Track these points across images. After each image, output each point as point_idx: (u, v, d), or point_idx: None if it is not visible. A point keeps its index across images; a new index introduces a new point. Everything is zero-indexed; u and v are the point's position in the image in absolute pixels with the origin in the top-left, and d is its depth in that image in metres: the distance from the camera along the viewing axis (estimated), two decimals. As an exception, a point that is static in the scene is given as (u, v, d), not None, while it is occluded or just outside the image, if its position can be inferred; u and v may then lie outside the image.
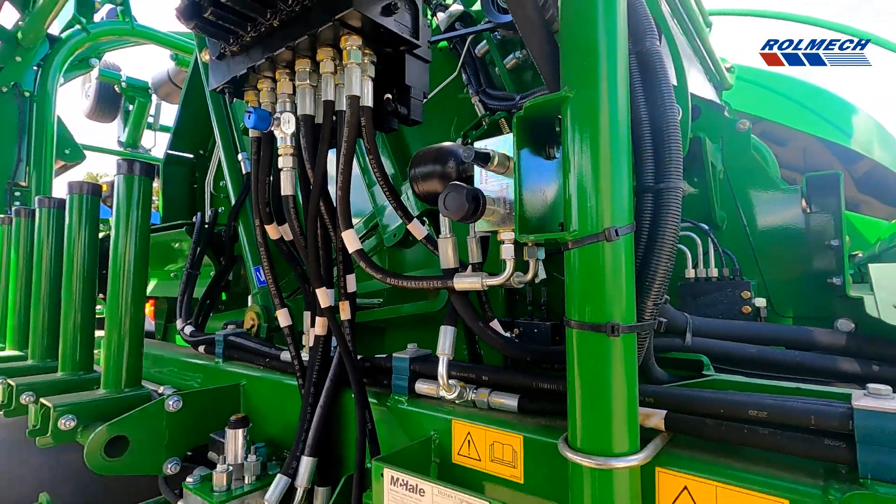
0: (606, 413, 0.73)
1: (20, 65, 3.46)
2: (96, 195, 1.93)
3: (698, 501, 0.74)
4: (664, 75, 0.84)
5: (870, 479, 0.63)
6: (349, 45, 1.06)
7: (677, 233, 0.81)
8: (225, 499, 1.19)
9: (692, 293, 1.27)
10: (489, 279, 0.97)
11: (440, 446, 1.05)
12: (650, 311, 0.79)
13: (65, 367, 1.87)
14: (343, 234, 1.13)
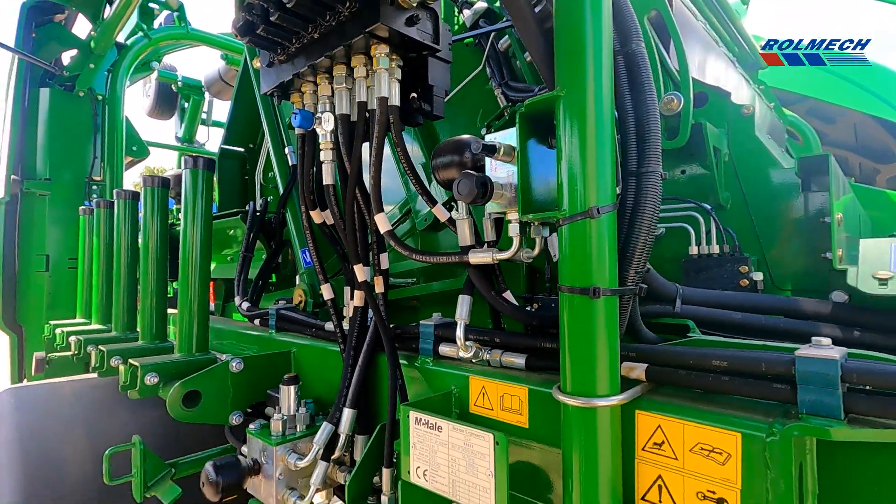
0: (591, 362, 0.88)
1: (93, 71, 3.85)
2: (165, 187, 2.20)
3: (669, 437, 0.87)
4: (647, 74, 0.96)
5: (805, 413, 0.75)
6: (378, 53, 1.23)
7: (656, 210, 0.93)
8: (281, 441, 1.41)
9: (695, 268, 1.37)
10: (499, 254, 1.12)
11: (459, 398, 1.22)
12: (632, 278, 0.93)
13: (144, 336, 2.16)
14: (375, 217, 1.30)
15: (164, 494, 1.52)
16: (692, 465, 0.84)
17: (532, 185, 1.01)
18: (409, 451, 1.09)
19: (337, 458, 1.41)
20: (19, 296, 3.50)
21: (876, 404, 0.71)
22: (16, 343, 3.49)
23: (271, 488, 1.40)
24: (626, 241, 0.93)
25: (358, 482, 1.26)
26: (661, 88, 1.38)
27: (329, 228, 1.56)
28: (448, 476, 1.01)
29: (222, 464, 1.40)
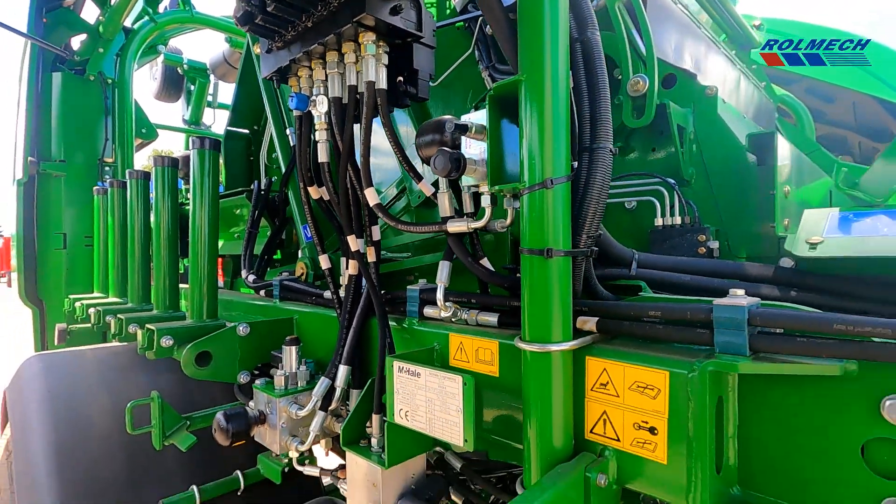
0: (547, 313, 1.01)
1: (102, 55, 3.97)
2: (175, 167, 2.34)
3: (612, 378, 1.01)
4: (600, 60, 1.07)
5: (719, 352, 0.88)
6: (365, 40, 1.34)
7: (606, 182, 1.06)
8: (283, 394, 1.57)
9: (660, 238, 1.49)
10: (474, 223, 1.25)
11: (441, 353, 1.36)
12: (584, 242, 1.05)
13: (158, 307, 2.33)
14: (365, 191, 1.43)
15: (181, 442, 1.69)
16: (630, 400, 0.98)
17: (500, 160, 1.14)
18: (393, 396, 1.24)
19: (334, 409, 1.57)
20: (39, 272, 3.70)
21: (776, 342, 0.84)
22: (38, 316, 3.70)
23: (275, 436, 1.57)
24: (579, 208, 1.05)
25: (351, 427, 1.42)
26: (629, 70, 1.49)
27: (325, 203, 1.69)
28: (426, 415, 1.16)
29: (232, 413, 1.57)
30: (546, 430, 1.02)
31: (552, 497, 0.90)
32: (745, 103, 2.69)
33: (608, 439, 1.02)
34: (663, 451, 0.94)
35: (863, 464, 0.84)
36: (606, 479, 0.98)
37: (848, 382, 0.84)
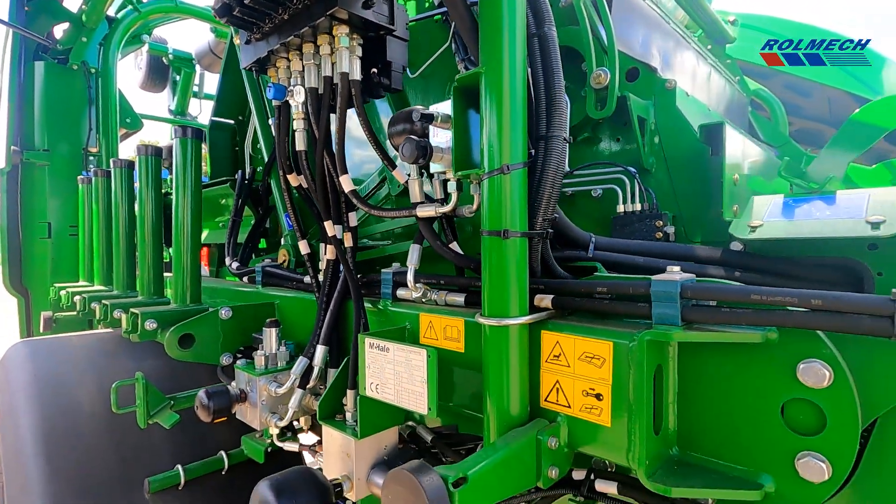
0: (504, 290, 1.09)
1: (85, 44, 3.96)
2: (158, 156, 2.38)
3: (564, 349, 1.09)
4: (556, 54, 1.14)
5: (655, 323, 0.97)
6: (339, 33, 1.40)
7: (560, 168, 1.13)
8: (263, 373, 1.64)
9: (621, 224, 1.58)
10: (441, 208, 1.32)
11: (412, 332, 1.44)
12: (540, 224, 1.13)
13: (143, 293, 2.38)
14: (340, 178, 1.50)
15: (165, 420, 1.76)
16: (579, 370, 1.07)
17: (465, 147, 1.20)
18: (364, 371, 1.31)
19: (312, 387, 1.64)
20: (24, 261, 3.71)
21: (704, 313, 0.93)
22: (23, 305, 3.72)
23: (255, 412, 1.64)
24: (535, 193, 1.13)
25: (327, 403, 1.49)
26: (593, 64, 1.56)
27: (304, 191, 1.75)
28: (394, 387, 1.23)
29: (213, 391, 1.63)
30: (503, 398, 1.11)
31: (503, 456, 0.98)
32: (717, 97, 2.78)
33: (560, 406, 1.11)
34: (607, 416, 1.02)
35: (782, 422, 0.93)
36: (557, 442, 1.07)
37: (769, 349, 0.92)
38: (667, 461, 1.04)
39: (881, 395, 0.86)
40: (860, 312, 0.76)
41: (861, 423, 0.86)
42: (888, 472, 0.93)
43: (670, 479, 0.96)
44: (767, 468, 0.95)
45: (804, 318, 0.83)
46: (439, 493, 0.83)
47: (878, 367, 0.86)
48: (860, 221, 1.09)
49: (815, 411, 0.89)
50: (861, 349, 0.87)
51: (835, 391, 0.86)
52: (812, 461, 0.88)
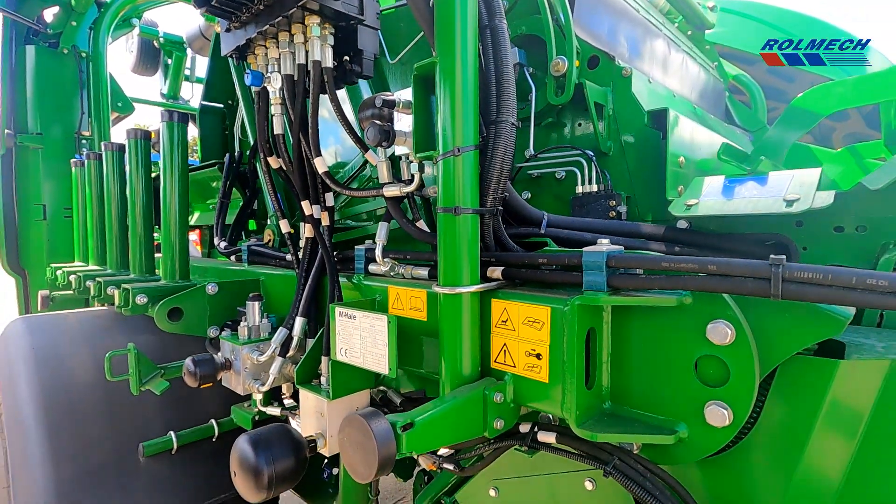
0: (457, 262, 1.20)
1: (75, 28, 4.01)
2: (147, 139, 2.46)
3: (510, 315, 1.21)
4: (506, 45, 1.24)
5: (586, 290, 1.08)
6: (311, 23, 1.49)
7: (509, 150, 1.23)
8: (246, 342, 1.76)
9: (580, 203, 1.68)
10: (406, 187, 1.43)
11: (382, 303, 1.55)
12: (490, 202, 1.24)
13: (134, 271, 2.49)
14: (315, 160, 1.60)
15: (156, 387, 1.88)
16: (523, 333, 1.18)
17: (425, 131, 1.31)
18: (335, 337, 1.43)
19: (292, 356, 1.77)
20: (21, 242, 3.81)
21: (625, 280, 1.05)
22: (21, 284, 3.83)
23: (239, 379, 1.77)
24: (485, 173, 1.23)
25: (304, 369, 1.62)
26: (553, 52, 1.65)
27: (283, 173, 1.85)
28: (360, 351, 1.35)
29: (199, 359, 1.76)
30: (457, 359, 1.23)
31: (451, 407, 1.10)
32: (690, 83, 2.87)
33: (507, 366, 1.23)
34: (546, 373, 1.14)
35: (695, 377, 1.05)
36: (503, 397, 1.19)
37: (685, 312, 1.04)
38: (599, 413, 1.16)
39: (776, 350, 0.98)
40: (745, 276, 0.88)
41: (759, 375, 0.98)
42: (787, 413, 1.05)
43: (597, 427, 1.09)
44: (683, 417, 1.07)
45: (703, 282, 0.94)
46: (387, 435, 0.95)
47: (773, 325, 0.98)
48: (778, 199, 1.20)
49: (721, 365, 1.01)
50: (761, 310, 0.99)
51: (736, 347, 0.98)
52: (717, 409, 1.00)
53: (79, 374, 2.23)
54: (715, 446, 1.03)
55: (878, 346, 1.01)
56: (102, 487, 1.98)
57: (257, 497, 1.32)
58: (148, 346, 2.47)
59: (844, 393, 0.97)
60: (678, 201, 1.39)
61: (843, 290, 0.79)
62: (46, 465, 1.93)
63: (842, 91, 1.66)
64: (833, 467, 1.02)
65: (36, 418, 2.04)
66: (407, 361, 1.48)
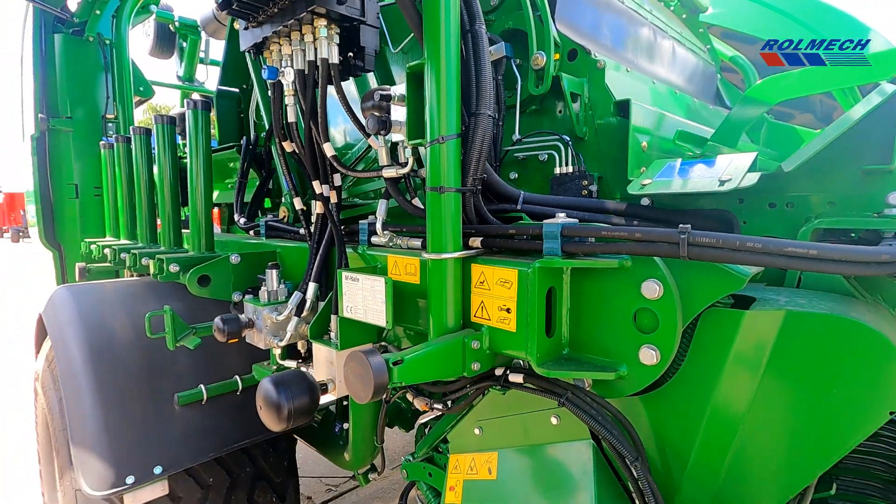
0: (441, 232, 1.44)
1: (99, 17, 4.23)
2: (172, 124, 2.71)
3: (486, 277, 1.45)
4: (484, 47, 1.45)
5: (545, 255, 1.32)
6: (318, 25, 1.70)
7: (486, 138, 1.45)
8: (266, 304, 2.03)
9: (557, 183, 1.90)
10: (402, 169, 1.66)
11: (382, 270, 1.80)
12: (470, 182, 1.46)
13: (164, 244, 2.77)
14: (324, 145, 1.83)
15: (189, 343, 2.17)
16: (496, 291, 1.42)
17: (416, 121, 1.53)
18: (342, 297, 1.69)
19: (305, 317, 2.03)
20: (56, 218, 4.13)
21: (575, 246, 1.28)
22: (57, 257, 4.17)
23: (261, 336, 2.04)
24: (466, 157, 1.46)
25: (317, 326, 1.88)
26: (534, 47, 1.85)
27: (296, 156, 2.09)
28: (363, 307, 1.61)
29: (227, 318, 2.03)
30: (442, 314, 1.48)
31: (434, 349, 1.35)
32: (678, 69, 3.03)
33: (484, 320, 1.47)
34: (514, 324, 1.38)
35: (633, 326, 1.29)
36: (479, 344, 1.44)
37: (625, 273, 1.27)
38: (557, 357, 1.41)
39: (695, 303, 1.21)
40: (661, 241, 1.11)
41: (682, 323, 1.21)
42: (704, 356, 1.29)
43: (553, 367, 1.33)
44: (623, 358, 1.31)
45: (632, 247, 1.17)
46: (381, 367, 1.21)
47: (692, 283, 1.20)
48: (714, 179, 1.41)
49: (652, 316, 1.25)
50: (683, 270, 1.21)
51: (664, 301, 1.21)
52: (648, 350, 1.24)
53: (119, 334, 2.53)
54: (647, 381, 1.27)
55: (782, 300, 1.24)
56: (145, 428, 2.30)
57: (278, 426, 1.60)
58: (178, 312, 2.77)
59: (748, 339, 1.20)
60: (636, 181, 1.61)
61: (732, 251, 1.01)
62: (97, 408, 2.25)
63: (788, 82, 1.84)
64: (738, 402, 1.25)
65: (86, 370, 2.35)
66: (404, 319, 1.73)
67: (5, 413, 5.95)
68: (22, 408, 5.94)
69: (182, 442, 2.39)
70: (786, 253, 0.95)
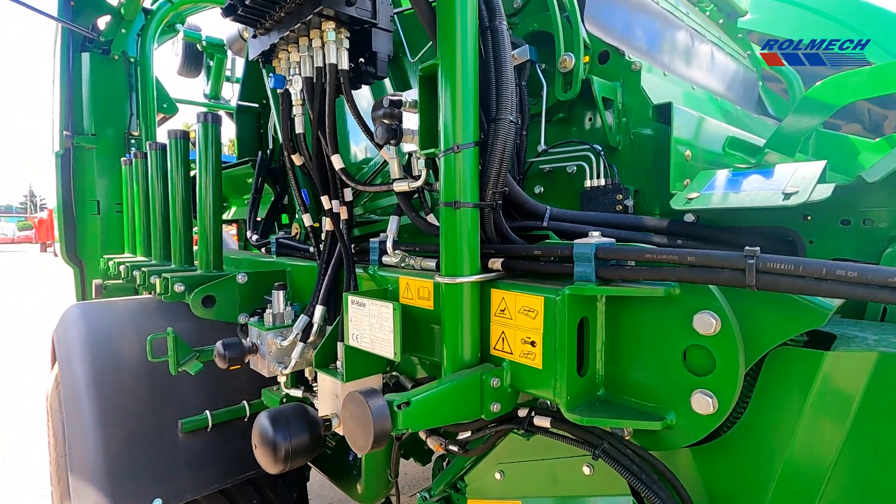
0: (457, 253, 1.27)
1: (125, 35, 4.30)
2: (185, 139, 2.64)
3: (508, 304, 1.27)
4: (506, 46, 1.28)
5: (576, 280, 1.13)
6: (326, 28, 1.58)
7: (507, 146, 1.28)
8: (271, 328, 1.89)
9: (588, 197, 1.71)
10: (413, 183, 1.50)
11: (393, 293, 1.64)
12: (489, 196, 1.29)
13: (175, 262, 2.68)
14: (332, 157, 1.70)
15: (191, 368, 2.04)
16: (519, 321, 1.24)
17: (429, 129, 1.37)
18: (348, 324, 1.53)
19: (312, 342, 1.88)
20: (78, 234, 4.15)
21: (614, 271, 1.08)
22: (78, 273, 4.18)
23: (265, 362, 1.90)
24: (484, 168, 1.29)
25: (322, 353, 1.73)
26: (561, 48, 1.68)
27: (305, 169, 1.96)
28: (369, 336, 1.44)
29: (229, 343, 1.90)
30: (457, 345, 1.30)
31: (447, 389, 1.17)
32: (718, 74, 2.81)
33: (505, 353, 1.29)
34: (539, 360, 1.20)
35: (683, 366, 1.08)
36: (500, 382, 1.25)
37: (673, 302, 1.07)
38: (591, 399, 1.21)
39: (762, 341, 1.00)
40: (722, 267, 0.91)
41: (744, 364, 1.00)
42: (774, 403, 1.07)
43: (587, 412, 1.13)
44: (671, 405, 1.10)
45: (684, 273, 0.97)
46: (382, 412, 1.04)
47: (758, 316, 0.99)
48: (777, 192, 1.20)
49: (707, 355, 1.04)
50: (746, 302, 1.01)
51: (721, 338, 1.01)
52: (702, 397, 1.03)
53: (126, 355, 2.43)
54: (701, 433, 1.06)
55: (871, 338, 1.01)
56: (146, 457, 2.17)
57: (275, 468, 1.44)
58: (185, 332, 2.65)
59: (831, 384, 0.98)
60: (680, 195, 1.41)
61: (815, 280, 0.81)
62: (98, 435, 2.13)
63: (857, 81, 1.61)
64: (821, 458, 1.03)
65: (88, 394, 2.25)
66: (416, 348, 1.55)
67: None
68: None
69: (185, 472, 2.25)
70: (891, 284, 0.74)
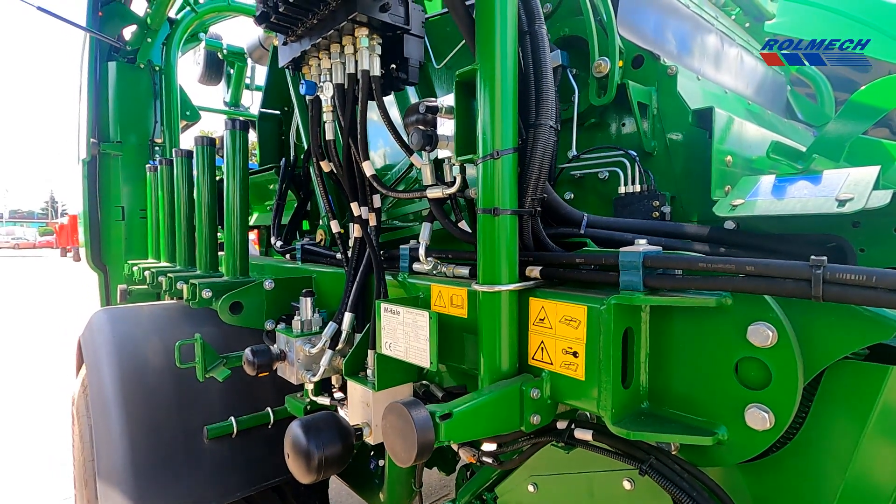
0: (496, 260, 1.24)
1: (150, 44, 4.38)
2: (212, 146, 2.66)
3: (548, 313, 1.24)
4: (545, 50, 1.27)
5: (622, 290, 1.09)
6: (359, 34, 1.57)
7: (547, 152, 1.26)
8: (299, 335, 1.88)
9: (622, 204, 1.68)
10: (448, 189, 1.48)
11: (425, 300, 1.62)
12: (528, 203, 1.27)
13: (200, 269, 2.70)
14: (363, 164, 1.69)
15: (219, 374, 2.04)
16: (560, 331, 1.21)
17: (465, 135, 1.36)
18: (380, 332, 1.51)
19: (341, 349, 1.87)
20: (103, 240, 4.21)
21: (662, 280, 1.05)
22: (102, 279, 4.23)
23: (293, 370, 1.89)
24: (524, 175, 1.27)
25: (352, 361, 1.71)
26: (595, 53, 1.66)
27: (334, 176, 1.96)
28: (403, 345, 1.42)
29: (257, 349, 1.89)
30: (495, 355, 1.27)
31: (487, 400, 1.15)
32: (746, 78, 2.76)
33: (544, 364, 1.26)
34: (582, 371, 1.16)
35: (735, 379, 1.04)
36: (539, 393, 1.22)
37: (724, 313, 1.03)
38: (636, 412, 1.17)
39: (822, 354, 0.96)
40: (785, 277, 0.87)
41: (803, 378, 0.96)
42: (835, 419, 1.02)
43: (632, 426, 1.10)
44: (723, 419, 1.06)
45: (741, 283, 0.93)
46: (426, 423, 1.01)
47: (818, 328, 0.95)
48: (830, 199, 1.16)
49: (763, 368, 1.00)
50: (805, 313, 0.97)
51: (778, 350, 0.97)
52: (757, 412, 0.99)
53: (152, 360, 2.44)
54: (755, 450, 1.02)
55: (938, 352, 0.97)
56: (171, 462, 2.17)
57: (308, 478, 1.42)
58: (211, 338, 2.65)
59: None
60: (723, 201, 1.37)
61: (890, 292, 0.77)
62: (124, 441, 2.14)
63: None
64: (884, 479, 0.98)
65: (115, 399, 2.26)
66: (449, 357, 1.53)
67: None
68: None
69: (209, 479, 2.25)
70: (975, 297, 0.69)
